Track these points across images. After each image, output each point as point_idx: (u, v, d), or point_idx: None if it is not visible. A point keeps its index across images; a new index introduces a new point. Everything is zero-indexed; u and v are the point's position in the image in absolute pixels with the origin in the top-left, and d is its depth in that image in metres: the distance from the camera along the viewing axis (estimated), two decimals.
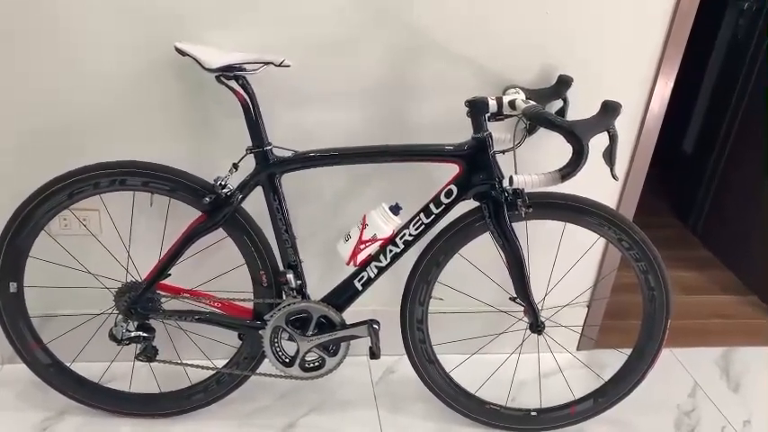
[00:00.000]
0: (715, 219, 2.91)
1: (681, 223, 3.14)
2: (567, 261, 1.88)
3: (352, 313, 1.62)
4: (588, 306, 2.08)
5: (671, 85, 1.75)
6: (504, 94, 1.58)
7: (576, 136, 1.29)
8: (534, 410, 1.79)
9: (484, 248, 1.61)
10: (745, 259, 2.68)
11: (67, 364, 1.70)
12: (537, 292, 1.66)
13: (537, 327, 1.65)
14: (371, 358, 1.59)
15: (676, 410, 1.93)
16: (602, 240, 1.90)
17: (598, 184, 1.60)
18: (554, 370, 1.97)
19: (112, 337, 1.57)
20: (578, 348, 2.14)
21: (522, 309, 1.65)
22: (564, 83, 1.62)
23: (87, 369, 1.73)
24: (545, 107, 1.61)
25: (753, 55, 2.64)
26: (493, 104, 1.45)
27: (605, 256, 1.99)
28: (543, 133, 1.57)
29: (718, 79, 2.93)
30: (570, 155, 1.31)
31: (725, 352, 2.22)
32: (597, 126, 1.32)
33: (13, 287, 1.57)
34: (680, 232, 3.10)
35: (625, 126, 1.78)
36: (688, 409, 1.94)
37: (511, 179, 1.40)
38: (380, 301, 1.75)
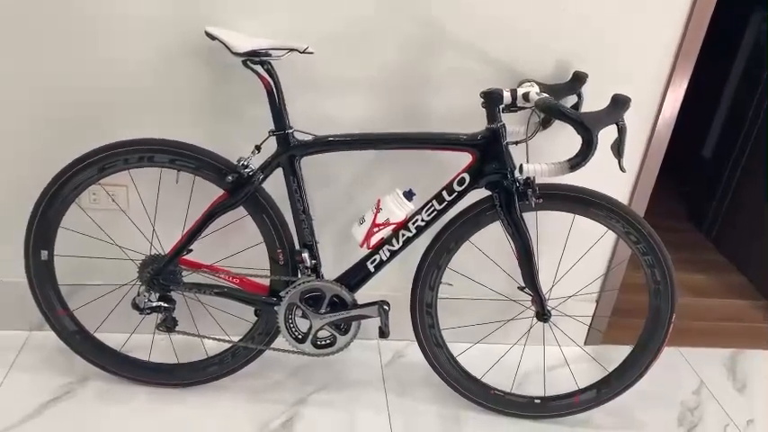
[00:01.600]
0: (730, 223, 2.92)
1: (697, 228, 3.15)
2: (579, 253, 1.92)
3: (364, 298, 1.68)
4: (597, 300, 2.11)
5: (684, 87, 1.78)
6: (518, 87, 1.62)
7: (586, 127, 1.34)
8: (538, 398, 1.83)
9: (495, 237, 1.66)
10: (758, 264, 2.69)
11: (92, 333, 1.78)
12: (547, 283, 1.71)
13: (543, 315, 1.69)
14: (381, 337, 1.65)
15: (680, 407, 1.96)
16: (613, 236, 1.94)
17: (610, 183, 1.66)
18: (562, 362, 2.01)
19: (135, 306, 1.65)
20: (586, 342, 2.18)
21: (530, 298, 1.70)
22: (579, 79, 1.66)
23: (110, 339, 1.80)
24: (560, 102, 1.66)
25: None
26: (507, 96, 1.50)
27: (615, 251, 2.02)
28: (557, 127, 1.61)
29: (740, 85, 2.94)
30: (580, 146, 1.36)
31: (733, 354, 2.24)
32: (607, 118, 1.36)
33: (44, 255, 1.65)
34: (695, 236, 3.11)
35: (637, 127, 1.82)
36: (692, 406, 1.97)
37: (521, 167, 1.45)
38: (392, 286, 1.80)
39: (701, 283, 2.71)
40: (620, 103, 1.36)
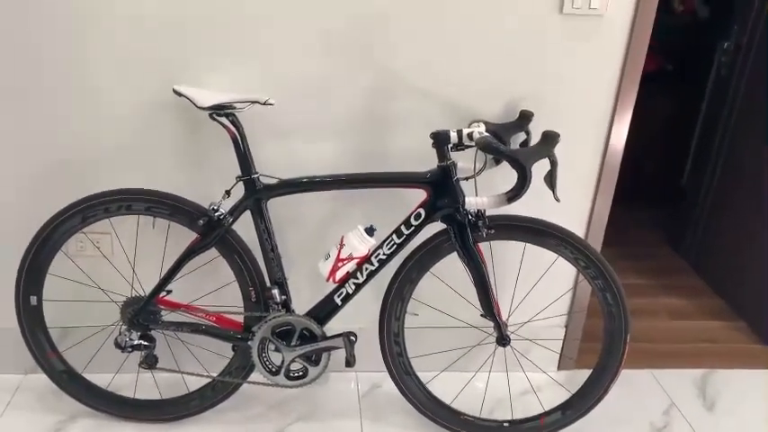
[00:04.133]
0: (707, 248, 2.99)
1: (677, 254, 3.23)
2: (544, 282, 2.00)
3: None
4: (566, 326, 2.19)
5: (628, 118, 1.88)
6: (468, 127, 1.74)
7: (520, 162, 1.46)
8: (506, 422, 1.90)
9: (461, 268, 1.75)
10: (736, 286, 2.75)
11: (80, 372, 1.89)
12: (520, 311, 1.86)
13: (502, 340, 1.78)
14: (347, 366, 1.74)
15: (649, 427, 2.02)
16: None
17: (568, 215, 1.80)
18: (536, 388, 2.09)
19: (117, 345, 1.76)
20: (560, 368, 2.25)
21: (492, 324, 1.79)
22: (525, 117, 1.77)
23: (99, 379, 1.91)
24: (510, 139, 1.78)
25: (734, 90, 2.76)
26: (454, 136, 1.61)
27: (578, 278, 2.10)
28: None
29: (707, 114, 3.05)
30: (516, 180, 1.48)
31: (705, 373, 2.29)
32: (538, 154, 1.48)
33: (33, 300, 1.78)
34: (675, 262, 3.17)
35: (588, 160, 1.94)
36: (660, 426, 2.02)
37: (464, 201, 1.56)
38: (367, 319, 1.89)
39: (679, 307, 2.77)
40: (549, 139, 1.47)
